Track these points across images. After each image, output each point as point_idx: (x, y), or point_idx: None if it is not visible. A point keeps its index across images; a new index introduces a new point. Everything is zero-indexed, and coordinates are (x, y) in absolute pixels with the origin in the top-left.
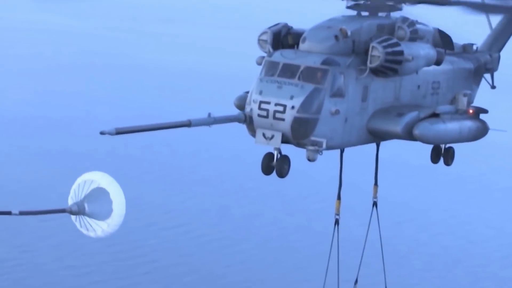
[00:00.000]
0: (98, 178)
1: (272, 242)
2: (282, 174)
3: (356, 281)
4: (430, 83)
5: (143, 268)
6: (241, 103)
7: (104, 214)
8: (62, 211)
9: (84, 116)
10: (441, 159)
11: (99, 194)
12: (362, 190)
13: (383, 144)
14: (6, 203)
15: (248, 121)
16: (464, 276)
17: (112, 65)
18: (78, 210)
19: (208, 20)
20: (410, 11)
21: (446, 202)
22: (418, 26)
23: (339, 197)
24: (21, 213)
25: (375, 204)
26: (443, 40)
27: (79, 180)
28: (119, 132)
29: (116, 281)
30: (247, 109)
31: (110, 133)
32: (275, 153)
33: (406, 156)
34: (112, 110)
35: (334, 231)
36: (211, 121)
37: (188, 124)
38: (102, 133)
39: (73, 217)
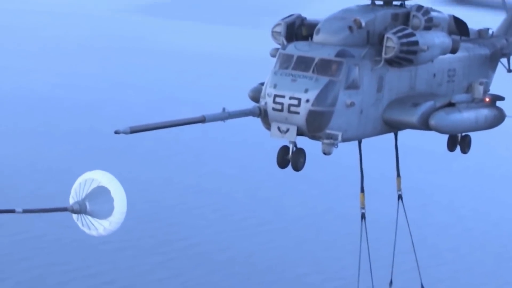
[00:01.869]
0: (99, 177)
1: (300, 222)
2: (297, 167)
3: (391, 282)
4: (445, 71)
5: (176, 245)
6: (255, 95)
7: (105, 212)
8: (64, 209)
9: (110, 98)
10: (458, 147)
11: (100, 193)
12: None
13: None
14: (40, 181)
15: (262, 114)
16: (488, 256)
17: (136, 48)
18: (80, 209)
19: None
20: None
21: (469, 186)
22: (432, 13)
23: (362, 190)
24: (25, 211)
25: (400, 197)
26: (458, 27)
27: (80, 179)
28: (134, 130)
29: (152, 256)
30: (262, 102)
31: (125, 132)
32: (291, 146)
33: (423, 141)
34: (136, 92)
35: (361, 225)
36: (226, 115)
37: (202, 120)
38: (116, 132)
39: (74, 216)
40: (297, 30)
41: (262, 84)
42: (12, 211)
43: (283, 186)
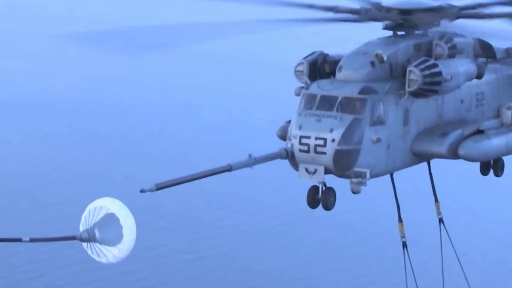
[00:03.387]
0: (108, 204)
1: (326, 221)
2: (328, 206)
3: None
4: (474, 96)
5: (203, 244)
6: (283, 134)
7: (114, 239)
8: (73, 238)
9: (133, 102)
10: (491, 171)
11: (109, 220)
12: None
13: None
14: (66, 183)
15: (290, 156)
16: None
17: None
18: (89, 237)
19: None
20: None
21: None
22: (456, 40)
23: (400, 220)
24: (32, 240)
25: (441, 221)
26: (484, 50)
27: (90, 207)
28: (159, 187)
29: (181, 255)
30: (288, 144)
31: (151, 190)
32: (320, 186)
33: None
34: (160, 97)
35: (404, 255)
36: (252, 162)
37: (229, 169)
38: (142, 191)
39: (84, 244)
40: (320, 67)
41: (289, 122)
42: (18, 240)
43: (307, 185)
